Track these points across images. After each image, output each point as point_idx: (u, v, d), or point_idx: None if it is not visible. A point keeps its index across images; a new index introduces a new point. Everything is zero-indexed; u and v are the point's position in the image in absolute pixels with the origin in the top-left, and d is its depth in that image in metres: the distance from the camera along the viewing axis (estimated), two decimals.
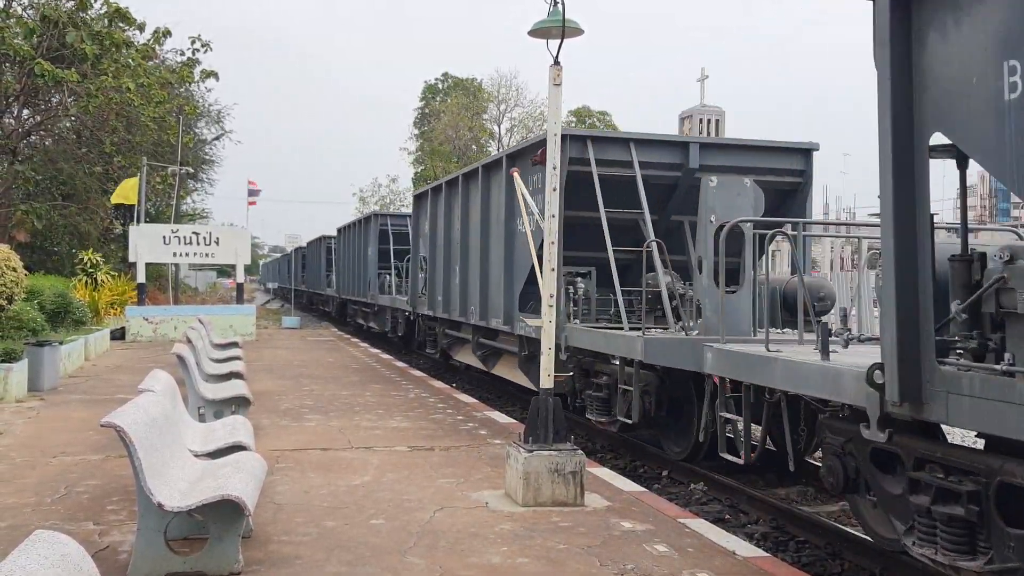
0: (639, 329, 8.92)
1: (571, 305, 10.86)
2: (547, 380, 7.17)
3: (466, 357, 16.01)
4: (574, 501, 6.85)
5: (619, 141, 11.15)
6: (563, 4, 6.98)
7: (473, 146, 58.75)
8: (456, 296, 15.43)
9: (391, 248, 24.20)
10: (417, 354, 21.22)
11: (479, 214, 14.14)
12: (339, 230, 32.45)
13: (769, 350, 6.76)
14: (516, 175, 9.69)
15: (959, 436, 7.47)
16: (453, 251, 15.85)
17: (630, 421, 9.32)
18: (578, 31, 7.12)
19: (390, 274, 23.53)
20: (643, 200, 10.42)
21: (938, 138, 4.94)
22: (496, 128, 60.94)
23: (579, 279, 11.10)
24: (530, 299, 12.01)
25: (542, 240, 8.27)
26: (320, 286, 39.61)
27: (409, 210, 26.17)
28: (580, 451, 7.03)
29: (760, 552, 5.99)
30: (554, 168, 7.26)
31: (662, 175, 11.16)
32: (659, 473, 9.70)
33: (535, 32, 7.17)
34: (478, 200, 14.23)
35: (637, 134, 11.24)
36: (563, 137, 9.76)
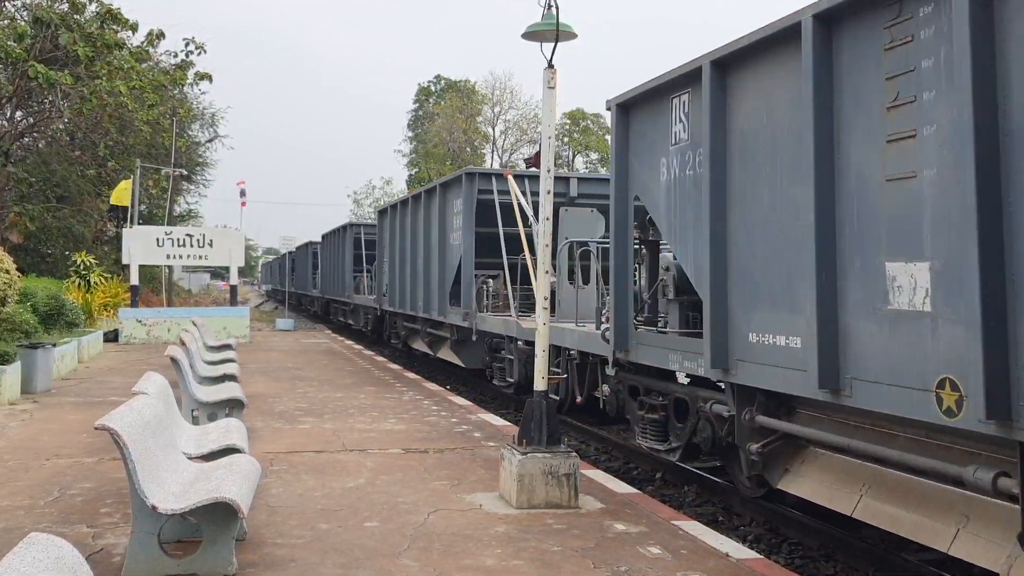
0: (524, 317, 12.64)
1: (484, 299, 15.01)
2: (541, 382, 7.18)
3: (419, 345, 19.13)
4: (568, 503, 6.87)
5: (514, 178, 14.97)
6: (557, 7, 7.01)
7: (468, 148, 58.77)
8: (409, 294, 18.96)
9: (363, 254, 26.47)
10: (387, 345, 23.63)
11: (423, 228, 17.93)
12: (323, 237, 34.83)
13: (577, 327, 10.61)
14: (510, 177, 9.71)
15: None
16: (407, 257, 19.39)
17: (512, 380, 13.40)
18: (572, 35, 7.13)
19: (363, 276, 26.21)
20: (530, 215, 13.04)
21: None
22: (490, 130, 60.99)
23: (490, 279, 15.02)
24: (456, 296, 15.64)
25: (461, 255, 15.09)
26: (307, 288, 41.74)
27: None
28: (574, 453, 7.05)
29: (754, 554, 6.00)
30: (548, 171, 7.28)
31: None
32: (653, 475, 9.72)
33: (529, 35, 7.19)
34: (421, 217, 18.07)
35: (526, 172, 15.85)
36: (472, 175, 15.09)
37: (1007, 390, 4.62)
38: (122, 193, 26.43)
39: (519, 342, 12.79)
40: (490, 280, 14.91)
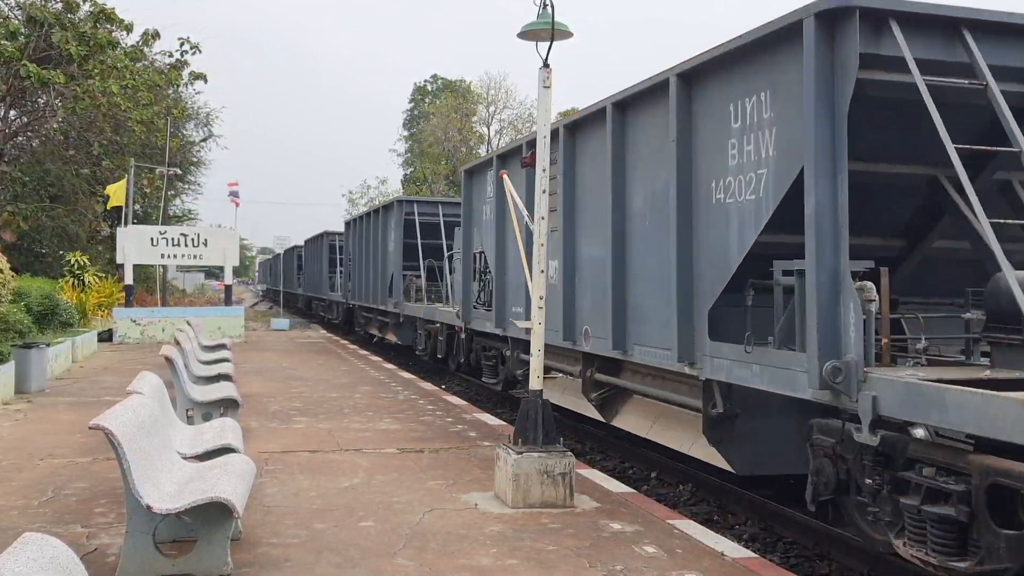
0: None
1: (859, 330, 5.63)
2: (536, 382, 7.18)
3: (559, 396, 10.85)
4: (563, 502, 6.87)
5: (941, 22, 5.93)
6: (552, 7, 7.01)
7: (463, 148, 58.74)
8: (556, 310, 9.98)
9: (419, 243, 19.06)
10: (463, 379, 17.01)
11: (609, 184, 8.71)
12: (348, 224, 27.41)
13: None
14: (506, 177, 9.67)
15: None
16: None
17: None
18: (567, 34, 7.14)
19: (419, 276, 18.95)
20: (1016, 131, 5.52)
21: None
22: (485, 130, 60.94)
23: (866, 285, 5.74)
24: (726, 318, 7.16)
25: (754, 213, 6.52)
26: (321, 290, 33.50)
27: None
28: (569, 453, 7.05)
29: (748, 553, 6.01)
30: (544, 171, 7.27)
31: (1011, 91, 5.96)
32: (648, 474, 9.73)
33: (525, 34, 7.19)
34: (607, 163, 8.73)
35: (968, 10, 5.94)
36: (849, 8, 5.67)
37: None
38: (116, 193, 26.42)
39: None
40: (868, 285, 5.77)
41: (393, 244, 20.24)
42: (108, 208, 27.90)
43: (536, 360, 7.22)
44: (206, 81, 26.27)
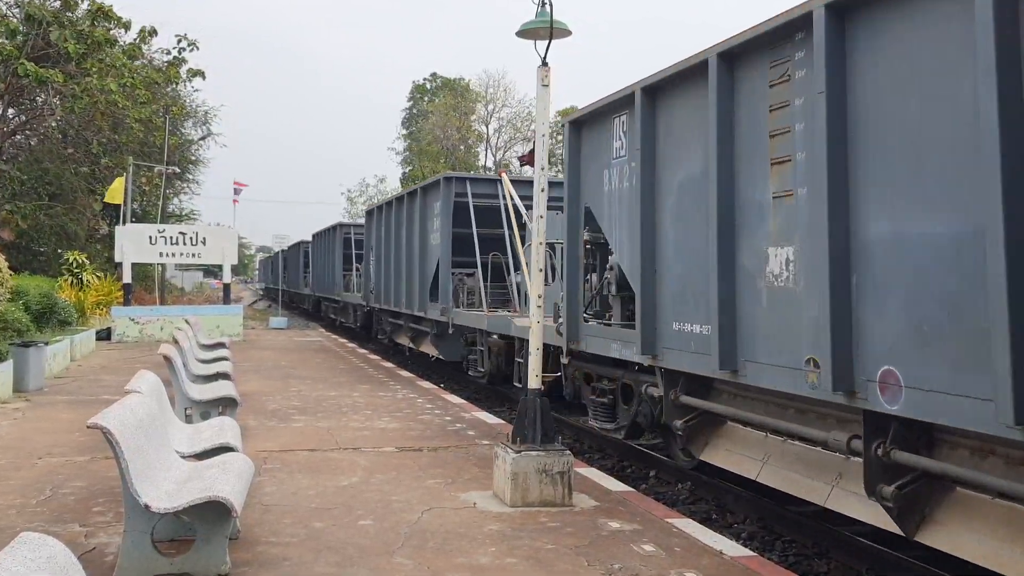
0: None
1: None
2: (535, 381, 7.18)
3: (785, 475, 6.98)
4: (562, 501, 6.86)
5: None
6: (551, 5, 7.00)
7: (461, 147, 58.72)
8: (797, 330, 6.21)
9: (475, 233, 14.99)
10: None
11: (993, 85, 4.54)
12: (371, 212, 23.13)
13: None
14: (505, 176, 9.66)
15: None
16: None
17: None
18: (566, 32, 7.13)
19: (470, 274, 15.45)
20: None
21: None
22: (484, 128, 60.94)
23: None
24: None
25: None
26: (334, 290, 29.64)
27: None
28: (568, 451, 7.04)
29: (747, 552, 6.01)
30: (542, 169, 7.27)
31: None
32: (646, 473, 9.72)
33: (523, 33, 7.18)
34: (983, 55, 4.61)
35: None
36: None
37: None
38: (116, 192, 26.41)
39: None
40: None
41: (438, 235, 15.82)
42: (103, 203, 27.90)
43: (534, 358, 7.21)
44: (204, 78, 26.32)
